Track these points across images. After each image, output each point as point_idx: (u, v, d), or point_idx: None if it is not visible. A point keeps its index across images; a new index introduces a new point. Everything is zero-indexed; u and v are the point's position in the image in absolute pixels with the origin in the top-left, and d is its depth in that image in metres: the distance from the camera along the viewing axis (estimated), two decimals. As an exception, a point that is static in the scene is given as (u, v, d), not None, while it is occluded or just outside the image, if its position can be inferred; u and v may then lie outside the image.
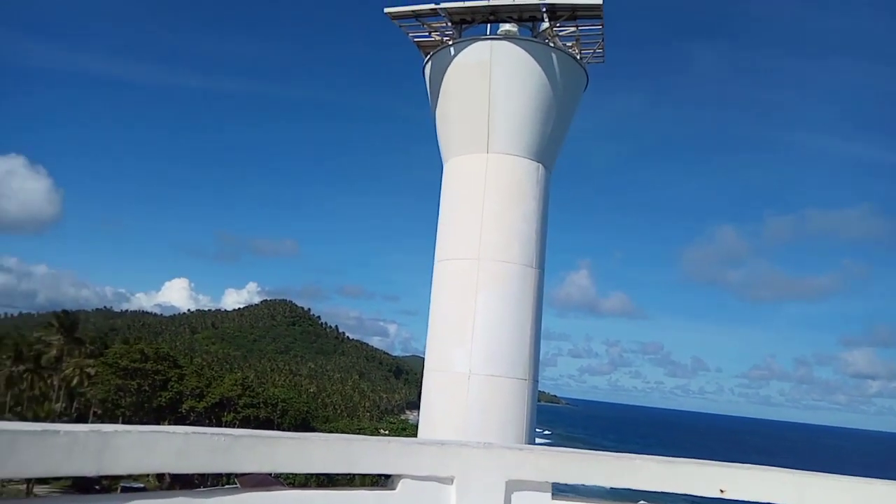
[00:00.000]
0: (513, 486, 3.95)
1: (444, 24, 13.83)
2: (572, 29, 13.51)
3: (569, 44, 13.87)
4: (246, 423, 78.61)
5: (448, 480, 3.83)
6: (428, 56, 14.35)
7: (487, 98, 12.57)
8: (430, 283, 13.29)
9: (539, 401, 12.83)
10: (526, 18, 13.33)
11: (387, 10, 13.81)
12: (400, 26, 14.30)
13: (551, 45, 12.92)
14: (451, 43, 13.35)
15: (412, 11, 13.71)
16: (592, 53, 14.31)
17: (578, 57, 13.73)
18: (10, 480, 56.71)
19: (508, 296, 12.03)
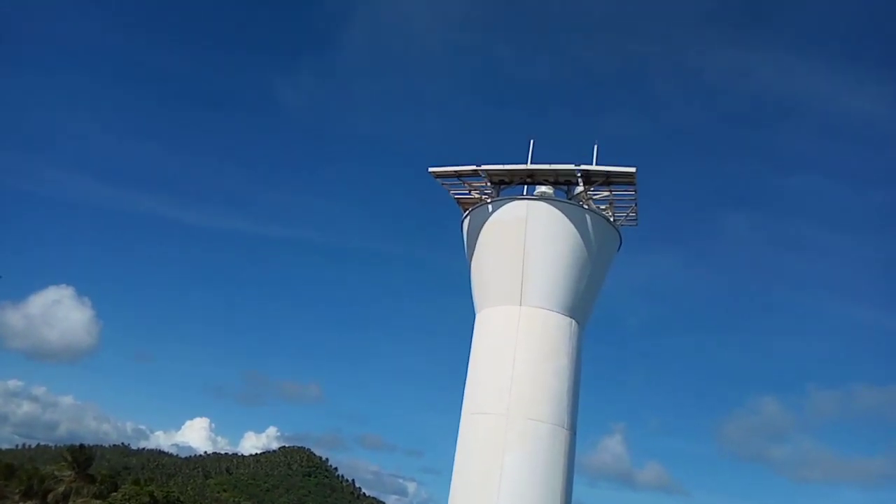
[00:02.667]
0: None
1: (484, 184, 14.64)
2: (606, 193, 14.13)
3: (603, 206, 14.42)
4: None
5: None
6: (467, 212, 15.04)
7: (522, 253, 12.91)
8: (456, 439, 12.73)
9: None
10: (561, 182, 14.04)
11: (431, 169, 14.77)
12: (442, 184, 15.19)
13: (585, 207, 13.45)
14: (489, 201, 14.03)
15: (454, 171, 14.63)
16: (626, 217, 14.79)
17: (612, 219, 14.19)
18: None
19: (538, 457, 11.40)
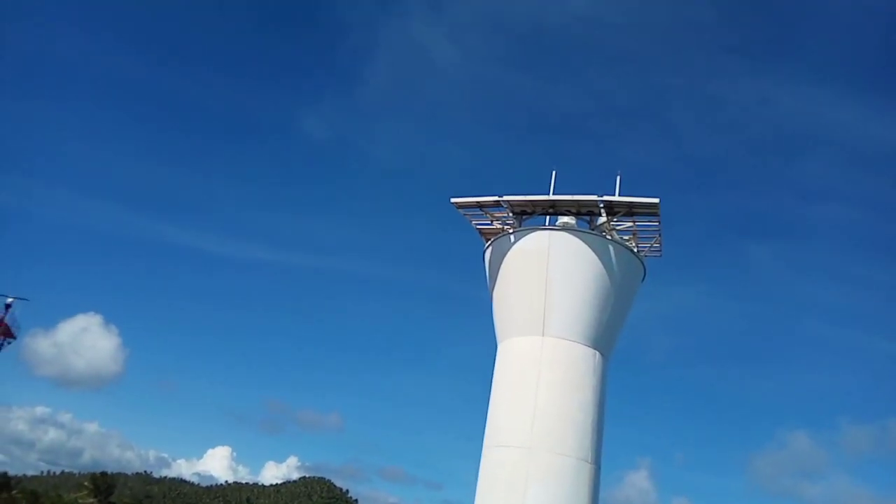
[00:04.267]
0: None
1: (506, 215, 14.67)
2: (629, 224, 14.04)
3: (626, 237, 14.32)
4: None
5: None
6: (489, 242, 15.04)
7: (545, 283, 12.82)
8: (477, 472, 12.52)
9: None
10: (584, 212, 14.00)
11: (453, 199, 14.85)
12: (464, 215, 15.26)
13: (608, 237, 13.36)
14: (511, 231, 14.02)
15: (477, 202, 14.70)
16: (650, 247, 14.66)
17: (635, 250, 14.06)
18: None
19: (562, 493, 11.15)
